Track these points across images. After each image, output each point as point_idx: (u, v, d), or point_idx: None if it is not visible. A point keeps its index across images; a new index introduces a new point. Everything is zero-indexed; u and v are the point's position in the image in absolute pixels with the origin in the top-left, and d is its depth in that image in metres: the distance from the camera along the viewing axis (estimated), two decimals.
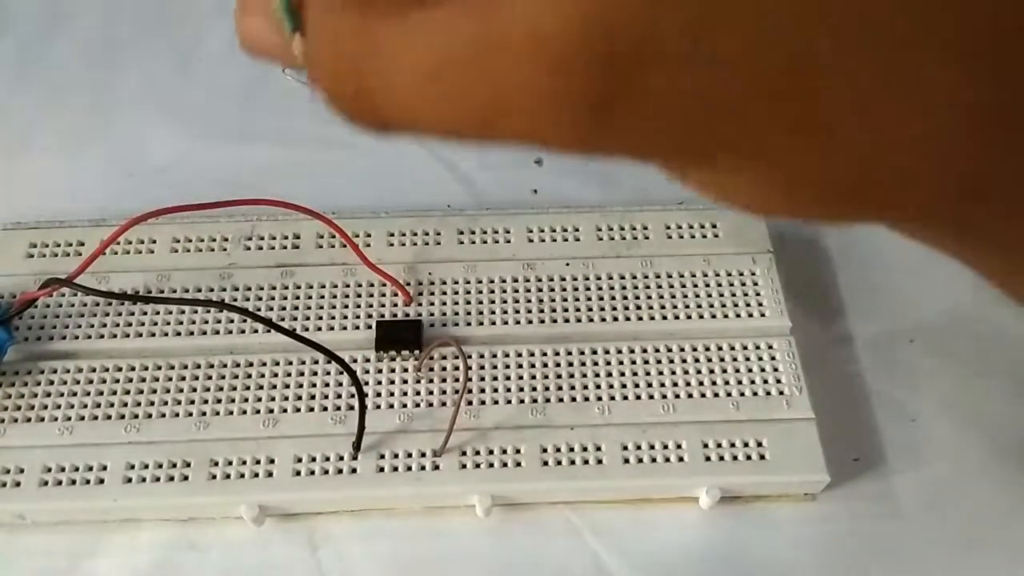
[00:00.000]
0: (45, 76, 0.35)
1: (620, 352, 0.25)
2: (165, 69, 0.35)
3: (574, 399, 0.24)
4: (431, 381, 0.24)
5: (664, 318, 0.26)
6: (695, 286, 0.27)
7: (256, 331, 0.25)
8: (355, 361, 0.25)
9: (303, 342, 0.22)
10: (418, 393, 0.24)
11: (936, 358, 0.27)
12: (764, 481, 0.23)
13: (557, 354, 0.25)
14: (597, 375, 0.25)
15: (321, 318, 0.26)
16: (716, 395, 0.24)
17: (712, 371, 0.25)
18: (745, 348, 0.25)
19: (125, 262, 0.27)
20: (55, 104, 0.34)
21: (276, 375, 0.24)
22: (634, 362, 0.25)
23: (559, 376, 0.25)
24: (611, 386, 0.24)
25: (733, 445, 0.23)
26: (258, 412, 0.24)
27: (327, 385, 0.24)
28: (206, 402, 0.24)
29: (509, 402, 0.24)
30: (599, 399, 0.24)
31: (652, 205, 0.29)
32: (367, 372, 0.24)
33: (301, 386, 0.24)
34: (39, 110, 0.34)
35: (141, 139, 0.33)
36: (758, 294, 0.26)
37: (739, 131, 0.10)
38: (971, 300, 0.29)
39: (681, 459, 0.23)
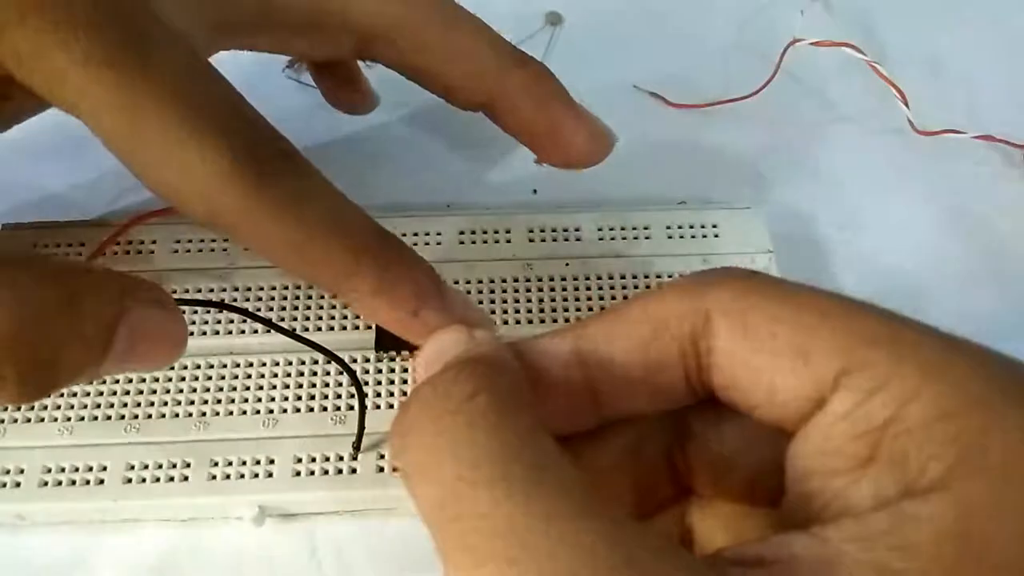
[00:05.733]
0: None
1: None
2: None
3: None
4: None
5: None
6: None
7: (256, 331, 0.25)
8: (355, 361, 0.25)
9: (303, 342, 0.22)
10: None
11: None
12: None
13: None
14: None
15: (321, 318, 0.25)
16: None
17: None
18: None
19: (125, 262, 0.27)
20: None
21: (276, 375, 0.24)
22: None
23: None
24: None
25: None
26: (258, 412, 0.24)
27: (327, 385, 0.24)
28: (206, 402, 0.24)
29: None
30: None
31: (652, 205, 0.29)
32: (367, 372, 0.24)
33: (301, 386, 0.24)
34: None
35: None
36: None
37: None
38: (972, 303, 0.29)
39: None
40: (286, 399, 0.24)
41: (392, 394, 0.24)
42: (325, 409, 0.24)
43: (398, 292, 0.18)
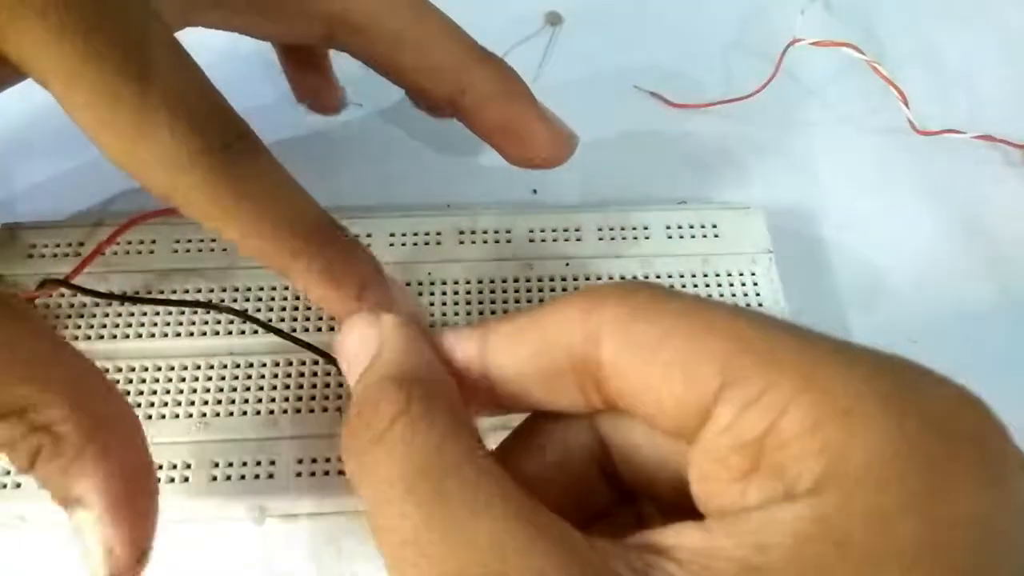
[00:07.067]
0: None
1: None
2: None
3: None
4: None
5: None
6: (695, 286, 0.27)
7: (256, 332, 0.25)
8: None
9: (300, 344, 0.22)
10: None
11: (937, 359, 0.27)
12: None
13: None
14: None
15: (321, 319, 0.25)
16: None
17: None
18: None
19: (125, 262, 0.27)
20: (55, 103, 0.34)
21: (276, 376, 0.24)
22: None
23: None
24: None
25: None
26: (258, 413, 0.24)
27: (327, 386, 0.24)
28: (206, 403, 0.24)
29: None
30: None
31: (652, 205, 0.29)
32: None
33: (301, 387, 0.24)
34: (39, 110, 0.34)
35: None
36: (758, 294, 0.26)
37: None
38: (972, 301, 0.29)
39: None
40: (286, 400, 0.24)
41: None
42: (325, 410, 0.24)
43: (343, 275, 0.19)
